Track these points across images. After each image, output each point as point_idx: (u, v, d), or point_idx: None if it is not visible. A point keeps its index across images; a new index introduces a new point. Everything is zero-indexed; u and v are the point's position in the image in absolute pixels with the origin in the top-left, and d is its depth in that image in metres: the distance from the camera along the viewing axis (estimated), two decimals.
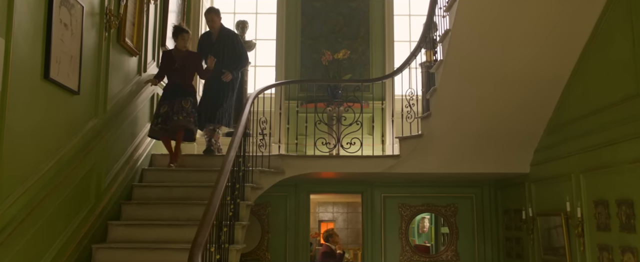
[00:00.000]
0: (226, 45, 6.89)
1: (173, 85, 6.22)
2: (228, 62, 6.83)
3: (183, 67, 6.27)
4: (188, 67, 6.31)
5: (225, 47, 6.88)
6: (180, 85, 6.21)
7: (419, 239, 10.73)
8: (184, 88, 6.22)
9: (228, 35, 6.97)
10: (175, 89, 6.19)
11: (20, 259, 3.81)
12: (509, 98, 5.67)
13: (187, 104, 6.16)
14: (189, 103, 6.19)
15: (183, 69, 6.28)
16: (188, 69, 6.32)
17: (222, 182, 4.49)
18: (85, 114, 4.88)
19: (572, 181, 5.32)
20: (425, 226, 10.94)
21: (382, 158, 6.65)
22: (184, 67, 6.27)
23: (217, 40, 6.90)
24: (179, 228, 5.28)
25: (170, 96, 6.15)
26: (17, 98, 3.74)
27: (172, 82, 6.26)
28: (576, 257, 5.31)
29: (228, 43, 6.91)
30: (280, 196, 7.64)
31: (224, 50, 6.86)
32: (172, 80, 6.27)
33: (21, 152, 3.84)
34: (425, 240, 10.78)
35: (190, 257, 3.56)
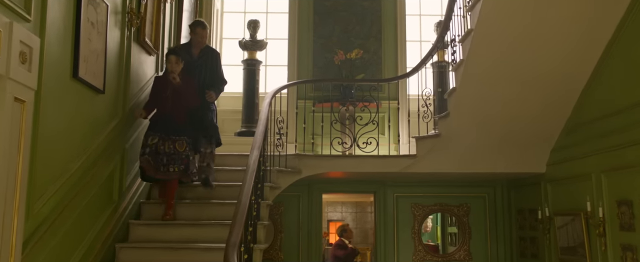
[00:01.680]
0: (208, 63, 6.06)
1: (163, 117, 5.36)
2: (210, 82, 6.00)
3: (176, 95, 5.40)
4: (183, 95, 5.44)
5: (207, 65, 6.04)
6: (171, 119, 5.34)
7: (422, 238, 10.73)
8: (176, 122, 5.34)
9: (211, 53, 6.18)
10: (166, 121, 5.33)
11: (53, 257, 3.80)
12: (528, 98, 5.69)
13: (182, 147, 5.31)
14: (184, 145, 5.33)
15: (176, 98, 5.40)
16: (183, 97, 5.44)
17: (250, 181, 4.50)
18: (108, 113, 4.87)
19: (593, 180, 5.34)
20: (428, 226, 10.96)
21: (398, 158, 6.66)
22: (178, 95, 5.41)
23: (199, 56, 6.02)
24: (200, 228, 5.27)
25: (161, 128, 5.28)
26: (49, 97, 3.73)
27: (162, 111, 5.41)
28: (597, 257, 5.33)
29: (211, 61, 6.09)
30: (293, 196, 7.63)
31: (206, 69, 6.02)
32: (162, 108, 5.41)
33: (52, 152, 3.82)
34: (428, 239, 10.80)
35: (226, 257, 3.56)
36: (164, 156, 5.23)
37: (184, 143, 5.35)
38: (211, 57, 6.13)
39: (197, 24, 6.11)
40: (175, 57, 5.46)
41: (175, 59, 5.45)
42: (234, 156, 6.67)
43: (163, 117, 5.36)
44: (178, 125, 5.35)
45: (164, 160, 5.22)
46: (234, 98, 8.72)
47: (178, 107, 5.39)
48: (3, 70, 3.06)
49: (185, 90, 5.47)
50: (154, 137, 5.23)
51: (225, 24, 8.92)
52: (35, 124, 3.51)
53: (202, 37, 6.03)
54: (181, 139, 5.35)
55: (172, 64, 5.43)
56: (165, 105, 5.40)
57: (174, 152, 5.28)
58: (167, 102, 5.38)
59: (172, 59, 5.45)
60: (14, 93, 3.17)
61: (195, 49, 6.04)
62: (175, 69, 5.43)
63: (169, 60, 5.45)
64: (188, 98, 5.49)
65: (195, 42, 6.04)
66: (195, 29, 6.05)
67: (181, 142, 5.34)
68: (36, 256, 3.58)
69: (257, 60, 8.15)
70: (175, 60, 5.44)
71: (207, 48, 6.18)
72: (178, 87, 5.40)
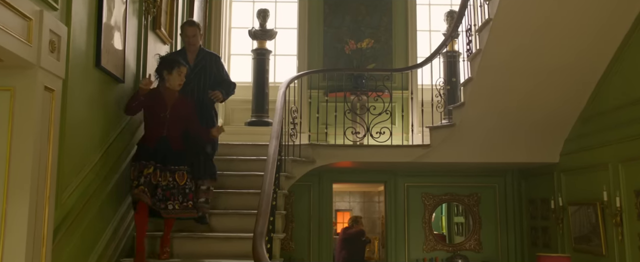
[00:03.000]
0: (207, 70, 5.33)
1: (158, 141, 4.52)
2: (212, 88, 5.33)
3: (175, 115, 4.63)
4: (181, 115, 4.68)
5: (206, 72, 5.32)
6: (167, 144, 4.54)
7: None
8: (172, 148, 4.56)
9: (210, 58, 5.42)
10: (162, 146, 4.51)
11: (78, 247, 3.81)
12: (545, 89, 5.68)
13: (183, 179, 4.54)
14: (185, 176, 4.55)
15: (175, 119, 4.63)
16: (183, 119, 4.71)
17: (272, 171, 4.51)
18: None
19: (610, 170, 5.36)
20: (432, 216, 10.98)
21: (412, 147, 6.66)
22: (176, 115, 4.64)
23: (195, 64, 5.29)
24: (216, 217, 5.26)
25: (156, 156, 4.46)
26: (74, 87, 3.72)
27: (156, 135, 4.55)
28: (613, 247, 5.36)
29: (211, 67, 5.35)
30: (303, 186, 7.63)
31: (205, 76, 5.31)
32: (157, 131, 4.55)
33: (77, 142, 3.81)
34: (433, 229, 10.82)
35: (254, 246, 3.57)
36: (161, 189, 4.43)
37: (184, 174, 4.56)
38: (211, 62, 5.36)
39: (184, 24, 5.45)
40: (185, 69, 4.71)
41: (185, 71, 4.71)
42: (246, 145, 6.65)
43: (158, 142, 4.50)
44: (175, 152, 4.56)
45: (160, 194, 4.43)
46: (244, 88, 8.68)
47: (176, 130, 4.63)
48: (34, 59, 3.05)
49: (186, 111, 4.72)
50: (149, 167, 4.40)
51: (234, 13, 8.88)
52: (63, 113, 3.49)
53: (193, 37, 5.26)
54: (181, 169, 4.55)
55: (183, 77, 4.69)
56: (159, 128, 4.54)
57: (173, 186, 4.50)
58: (163, 124, 4.56)
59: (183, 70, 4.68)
60: (44, 82, 3.16)
61: (191, 55, 5.31)
62: (180, 83, 4.70)
63: (179, 70, 4.64)
64: (190, 121, 4.76)
65: (188, 46, 5.34)
66: (183, 29, 5.36)
67: (181, 173, 4.54)
68: (65, 245, 3.59)
69: (266, 50, 8.13)
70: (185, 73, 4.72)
71: (204, 52, 5.44)
72: (178, 107, 4.65)
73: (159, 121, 4.57)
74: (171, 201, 4.47)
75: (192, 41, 5.31)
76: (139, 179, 4.37)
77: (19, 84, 3.05)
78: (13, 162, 2.98)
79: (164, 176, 4.47)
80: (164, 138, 4.54)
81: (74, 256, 3.74)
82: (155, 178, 4.42)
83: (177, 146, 4.60)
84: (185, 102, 4.78)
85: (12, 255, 2.92)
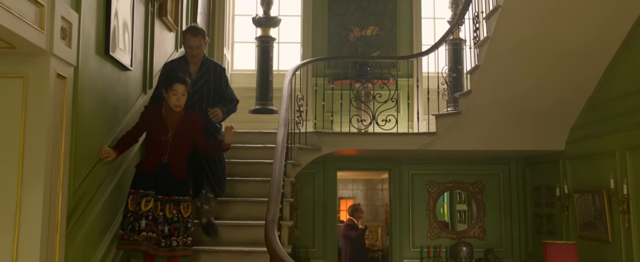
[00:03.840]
0: (210, 85, 4.73)
1: (159, 168, 4.02)
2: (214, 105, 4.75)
3: (178, 138, 4.08)
4: (186, 137, 4.14)
5: (209, 87, 4.73)
6: (169, 172, 4.04)
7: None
8: (175, 176, 4.05)
9: (214, 69, 4.82)
10: (164, 174, 4.02)
11: (90, 234, 3.82)
12: (552, 76, 5.67)
13: (187, 211, 4.04)
14: (190, 208, 4.08)
15: (178, 142, 4.08)
16: (185, 142, 4.15)
17: (281, 159, 4.52)
18: (135, 90, 4.84)
19: (617, 157, 5.37)
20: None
21: (418, 135, 6.66)
22: (180, 138, 4.09)
23: (198, 77, 4.70)
24: (225, 204, 5.27)
25: (157, 185, 3.98)
26: (84, 74, 3.70)
27: (155, 161, 4.04)
28: (619, 233, 5.38)
29: (214, 80, 4.76)
30: (308, 173, 7.63)
31: (208, 92, 4.72)
32: (157, 157, 4.04)
33: (88, 129, 3.81)
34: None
35: (266, 234, 3.58)
36: (165, 224, 3.96)
37: (189, 206, 4.09)
38: (215, 74, 4.78)
39: (186, 32, 4.78)
40: (182, 87, 4.05)
41: (182, 90, 4.04)
42: (252, 133, 6.64)
43: (157, 169, 4.01)
44: (178, 182, 4.06)
45: (165, 230, 3.95)
46: (248, 75, 8.69)
47: (178, 156, 4.08)
48: (47, 45, 3.03)
49: (193, 132, 4.16)
50: (148, 201, 3.90)
51: (238, 0, 8.83)
52: (75, 101, 3.48)
53: (197, 48, 4.64)
54: (186, 200, 4.08)
55: (179, 96, 4.04)
56: (160, 153, 4.02)
57: (178, 219, 4.00)
58: (164, 149, 4.03)
59: (179, 89, 4.03)
60: (56, 69, 3.14)
61: (193, 67, 4.70)
62: (182, 102, 4.11)
63: (173, 89, 4.03)
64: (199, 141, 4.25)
65: (190, 57, 4.71)
66: (185, 37, 4.70)
67: (186, 205, 4.06)
68: (77, 232, 3.59)
69: (270, 37, 8.09)
70: (183, 91, 4.06)
71: (208, 62, 4.82)
72: (183, 129, 4.09)
73: (160, 146, 4.02)
74: (175, 237, 3.97)
75: (195, 53, 4.67)
76: (140, 221, 3.86)
77: (32, 71, 3.04)
78: (27, 149, 2.98)
79: (168, 208, 3.97)
80: (165, 165, 4.01)
81: (86, 244, 3.75)
82: (156, 211, 3.92)
83: (180, 174, 4.07)
84: (192, 122, 4.16)
85: (28, 242, 2.92)
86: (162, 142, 4.04)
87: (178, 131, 4.08)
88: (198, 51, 4.68)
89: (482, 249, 7.66)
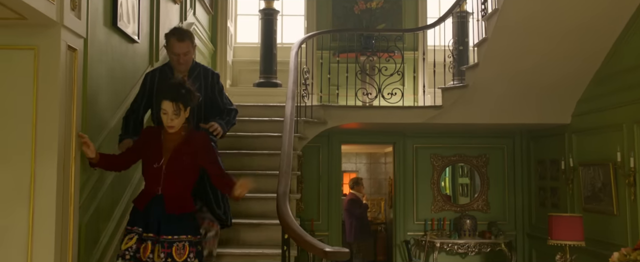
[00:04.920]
0: (202, 94, 3.87)
1: (151, 201, 3.32)
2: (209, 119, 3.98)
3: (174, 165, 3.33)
4: (185, 164, 3.36)
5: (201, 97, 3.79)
6: (162, 205, 3.30)
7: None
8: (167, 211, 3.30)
9: (206, 78, 4.03)
10: (155, 208, 3.30)
11: (103, 205, 3.84)
12: (560, 49, 5.64)
13: (183, 255, 3.26)
14: (186, 249, 3.27)
15: (174, 170, 3.33)
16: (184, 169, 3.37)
17: (290, 132, 4.51)
18: (142, 63, 4.81)
19: (624, 130, 5.37)
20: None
21: (423, 108, 6.65)
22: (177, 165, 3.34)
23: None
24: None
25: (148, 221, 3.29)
26: (93, 46, 3.67)
27: (148, 192, 3.36)
28: (625, 206, 5.41)
29: (205, 90, 3.98)
30: (313, 147, 7.63)
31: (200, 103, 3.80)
32: (151, 188, 3.35)
33: (98, 102, 3.79)
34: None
35: (278, 206, 3.60)
36: None
37: (186, 247, 3.27)
38: (206, 82, 4.00)
39: (169, 35, 3.90)
40: (171, 105, 3.27)
41: (171, 109, 3.27)
42: (257, 106, 6.63)
43: (151, 203, 3.30)
44: (171, 217, 3.29)
45: None
46: (251, 49, 8.64)
47: (175, 186, 3.33)
48: (57, 16, 2.99)
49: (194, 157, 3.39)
50: (131, 237, 3.28)
51: None
52: (85, 73, 3.46)
53: (185, 54, 3.86)
54: (181, 240, 3.28)
55: (169, 116, 3.29)
56: (154, 183, 3.33)
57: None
58: (157, 178, 3.32)
59: (167, 108, 3.28)
60: (67, 41, 3.10)
61: (180, 75, 3.86)
62: (176, 123, 3.32)
63: (161, 108, 3.31)
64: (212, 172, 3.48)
65: (176, 64, 3.91)
66: (169, 42, 3.87)
67: (182, 246, 3.26)
68: (90, 205, 3.61)
69: (274, 10, 8.01)
70: (174, 110, 3.28)
71: (198, 68, 4.03)
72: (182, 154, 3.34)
73: (153, 175, 3.34)
74: None
75: (182, 60, 3.86)
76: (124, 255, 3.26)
77: (43, 43, 3.00)
78: (40, 122, 2.96)
79: (157, 252, 3.24)
80: (158, 198, 3.30)
81: (98, 216, 3.76)
82: (144, 253, 3.26)
83: (176, 208, 3.30)
84: (193, 144, 3.39)
85: (43, 214, 2.92)
86: (155, 170, 3.32)
87: (174, 155, 3.31)
88: (186, 58, 3.87)
89: (485, 222, 7.71)
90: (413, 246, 7.65)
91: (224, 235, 4.60)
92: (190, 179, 3.41)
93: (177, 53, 3.86)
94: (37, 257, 2.91)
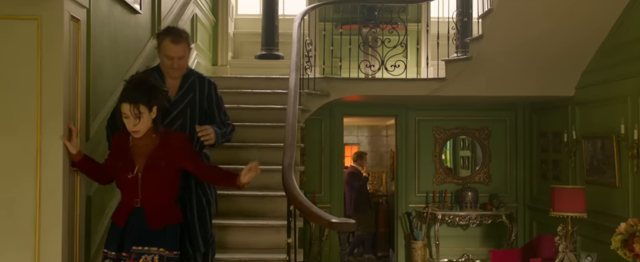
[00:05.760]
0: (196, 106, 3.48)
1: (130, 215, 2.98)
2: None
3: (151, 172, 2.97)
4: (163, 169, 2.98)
5: (194, 110, 3.48)
6: (143, 218, 2.95)
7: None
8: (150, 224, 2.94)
9: (201, 88, 3.54)
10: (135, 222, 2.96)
11: None
12: (566, 19, 5.57)
13: None
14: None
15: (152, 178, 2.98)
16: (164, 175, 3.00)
17: (295, 104, 4.48)
18: (144, 34, 4.77)
19: (629, 103, 5.35)
20: None
21: (426, 81, 6.63)
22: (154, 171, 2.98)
23: (180, 96, 3.46)
24: (235, 149, 5.26)
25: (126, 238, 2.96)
26: (95, 17, 3.63)
27: (126, 206, 3.01)
28: (627, 178, 5.42)
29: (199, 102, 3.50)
30: (315, 119, 7.59)
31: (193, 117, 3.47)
32: (128, 201, 3.01)
33: (101, 73, 3.77)
34: None
35: (284, 178, 3.60)
36: None
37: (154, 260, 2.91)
38: (202, 93, 3.51)
39: (162, 36, 3.41)
40: (128, 107, 2.90)
41: (131, 110, 2.89)
42: (259, 78, 6.60)
43: (130, 217, 2.98)
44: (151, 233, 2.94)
45: None
46: (253, 20, 8.57)
47: (156, 197, 2.98)
48: None
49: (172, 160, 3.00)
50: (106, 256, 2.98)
51: None
52: (88, 44, 3.42)
53: (180, 59, 3.36)
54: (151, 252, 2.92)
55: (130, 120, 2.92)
56: (130, 195, 3.00)
57: None
58: (134, 189, 2.98)
59: (125, 110, 2.92)
60: (70, 11, 3.06)
61: (172, 82, 3.44)
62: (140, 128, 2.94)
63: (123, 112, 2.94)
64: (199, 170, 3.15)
65: (168, 69, 3.41)
66: (162, 44, 3.38)
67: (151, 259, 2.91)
68: None
69: None
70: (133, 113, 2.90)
71: (192, 76, 3.53)
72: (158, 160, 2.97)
73: (129, 185, 2.99)
74: None
75: (177, 65, 3.37)
76: None
77: (46, 13, 2.96)
78: (45, 93, 2.93)
79: None
80: (138, 211, 2.97)
81: (103, 190, 3.76)
82: None
83: (157, 222, 2.95)
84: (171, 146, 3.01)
85: (50, 186, 2.92)
86: (130, 181, 2.97)
87: (149, 163, 2.95)
88: (181, 63, 3.37)
89: (486, 194, 7.75)
90: (415, 218, 7.70)
91: (228, 207, 4.63)
92: (172, 187, 3.04)
93: (171, 57, 3.34)
94: (45, 228, 2.91)
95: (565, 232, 5.44)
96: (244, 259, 4.02)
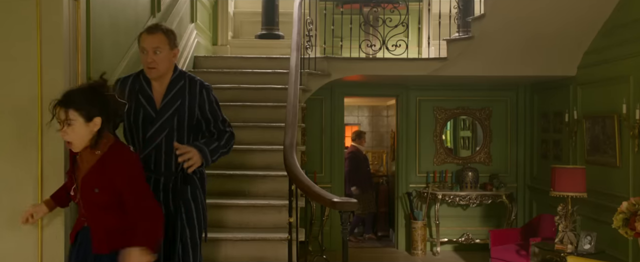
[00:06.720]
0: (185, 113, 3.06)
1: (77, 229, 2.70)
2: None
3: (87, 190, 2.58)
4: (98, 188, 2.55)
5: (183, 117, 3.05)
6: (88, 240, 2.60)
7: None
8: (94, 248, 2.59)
9: (192, 92, 3.10)
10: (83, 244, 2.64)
11: None
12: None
13: None
14: None
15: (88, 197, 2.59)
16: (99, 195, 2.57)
17: (296, 84, 4.47)
18: (144, 13, 4.73)
19: (631, 83, 5.33)
20: None
21: (428, 60, 6.59)
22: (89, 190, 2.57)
23: (166, 101, 3.05)
24: (236, 130, 5.26)
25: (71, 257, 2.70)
26: None
27: (78, 220, 2.71)
28: (628, 158, 5.42)
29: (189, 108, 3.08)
30: (315, 99, 7.60)
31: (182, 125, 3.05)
32: (79, 215, 2.71)
33: (102, 52, 3.74)
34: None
35: (286, 158, 3.60)
36: None
37: None
38: (193, 98, 3.08)
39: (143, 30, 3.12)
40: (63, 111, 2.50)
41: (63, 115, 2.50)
42: (260, 58, 6.58)
43: (77, 237, 2.68)
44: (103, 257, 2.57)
45: None
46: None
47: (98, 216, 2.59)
48: None
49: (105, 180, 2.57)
50: None
51: None
52: (88, 23, 3.39)
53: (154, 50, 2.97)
54: None
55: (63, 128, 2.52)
56: (79, 211, 2.69)
57: None
58: (79, 206, 2.67)
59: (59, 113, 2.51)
60: None
61: (158, 86, 3.07)
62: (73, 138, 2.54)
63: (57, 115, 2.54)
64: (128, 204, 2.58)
65: (145, 68, 3.05)
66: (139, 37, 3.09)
67: None
68: None
69: None
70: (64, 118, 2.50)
71: (182, 79, 3.11)
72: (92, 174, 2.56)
73: (77, 203, 2.68)
74: None
75: (150, 60, 2.97)
76: None
77: None
78: (45, 73, 2.93)
79: None
80: (85, 231, 2.63)
81: None
82: None
83: (101, 246, 2.56)
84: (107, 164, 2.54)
85: (52, 163, 2.94)
86: (73, 198, 2.68)
87: (82, 183, 2.57)
88: (157, 58, 2.95)
89: (487, 174, 7.76)
90: (415, 198, 7.72)
91: (229, 186, 4.64)
92: (118, 212, 2.55)
93: (146, 50, 2.96)
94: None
95: (565, 212, 5.47)
96: (246, 238, 4.04)
